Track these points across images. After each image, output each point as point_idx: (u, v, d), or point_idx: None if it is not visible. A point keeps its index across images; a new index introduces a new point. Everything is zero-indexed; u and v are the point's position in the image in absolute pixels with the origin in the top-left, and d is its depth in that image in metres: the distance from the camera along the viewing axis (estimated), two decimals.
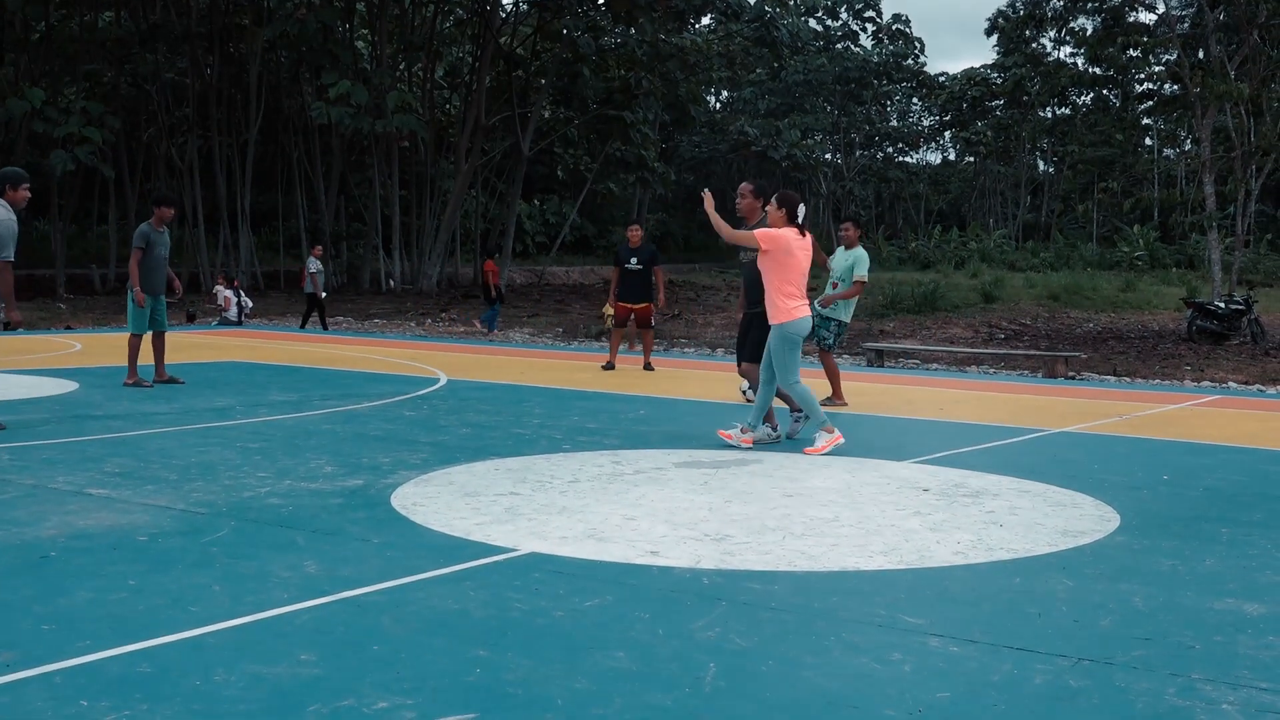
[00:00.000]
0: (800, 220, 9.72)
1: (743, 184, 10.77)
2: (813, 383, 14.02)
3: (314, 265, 25.23)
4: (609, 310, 25.27)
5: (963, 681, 4.46)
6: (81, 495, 7.49)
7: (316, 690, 4.27)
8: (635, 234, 16.39)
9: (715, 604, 5.36)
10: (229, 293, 26.90)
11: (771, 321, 9.64)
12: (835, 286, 12.80)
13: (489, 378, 15.00)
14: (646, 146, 47.23)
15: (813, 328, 12.77)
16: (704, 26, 54.38)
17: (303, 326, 25.09)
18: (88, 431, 9.99)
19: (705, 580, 5.77)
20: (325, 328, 24.95)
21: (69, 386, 12.85)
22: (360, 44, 44.88)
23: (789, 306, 9.55)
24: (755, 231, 9.76)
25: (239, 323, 26.21)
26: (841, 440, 9.67)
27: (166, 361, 13.70)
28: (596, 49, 43.27)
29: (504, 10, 45.06)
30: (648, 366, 16.40)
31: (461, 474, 8.42)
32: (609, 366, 16.07)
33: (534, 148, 45.04)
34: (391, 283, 41.50)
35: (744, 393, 12.81)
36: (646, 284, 16.09)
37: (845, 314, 12.94)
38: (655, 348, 19.41)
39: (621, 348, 18.37)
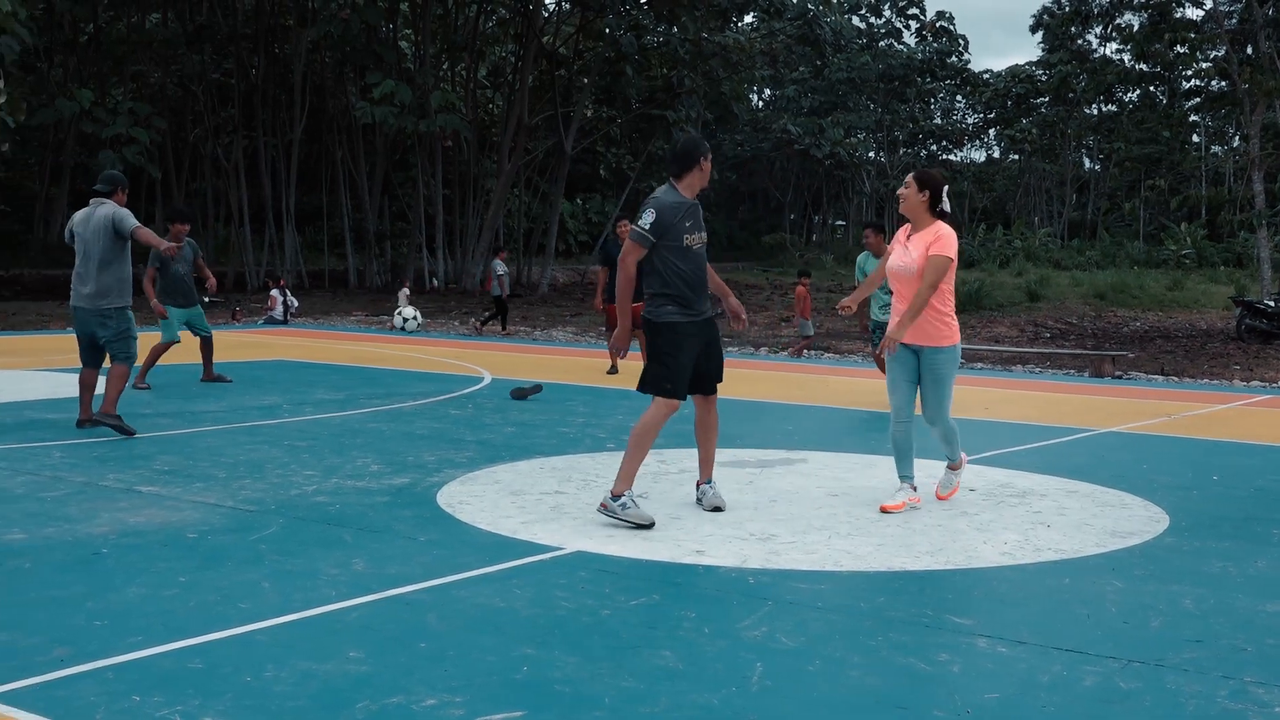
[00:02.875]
0: (944, 208, 7.34)
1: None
2: (870, 383, 13.91)
3: (500, 268, 25.43)
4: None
5: (1012, 682, 4.44)
6: (132, 493, 7.57)
7: (365, 687, 4.30)
8: (625, 229, 14.69)
9: (762, 603, 5.36)
10: (275, 291, 27.10)
11: (941, 343, 7.26)
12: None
13: (533, 376, 15.02)
14: None
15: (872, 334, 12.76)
16: (747, 24, 54.29)
17: (482, 328, 25.02)
18: (137, 429, 10.08)
19: (751, 580, 5.76)
20: (505, 330, 25.02)
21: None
22: (404, 44, 45.02)
23: (951, 322, 7.36)
24: (942, 239, 7.15)
25: (285, 321, 26.38)
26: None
27: (215, 360, 13.90)
28: (639, 48, 43.21)
29: (546, 9, 45.12)
30: (613, 370, 15.39)
31: (506, 472, 8.45)
32: (613, 370, 15.47)
33: (577, 147, 45.07)
34: (435, 281, 41.63)
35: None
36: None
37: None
38: None
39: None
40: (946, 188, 7.30)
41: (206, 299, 13.39)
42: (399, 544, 6.39)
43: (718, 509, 7.19)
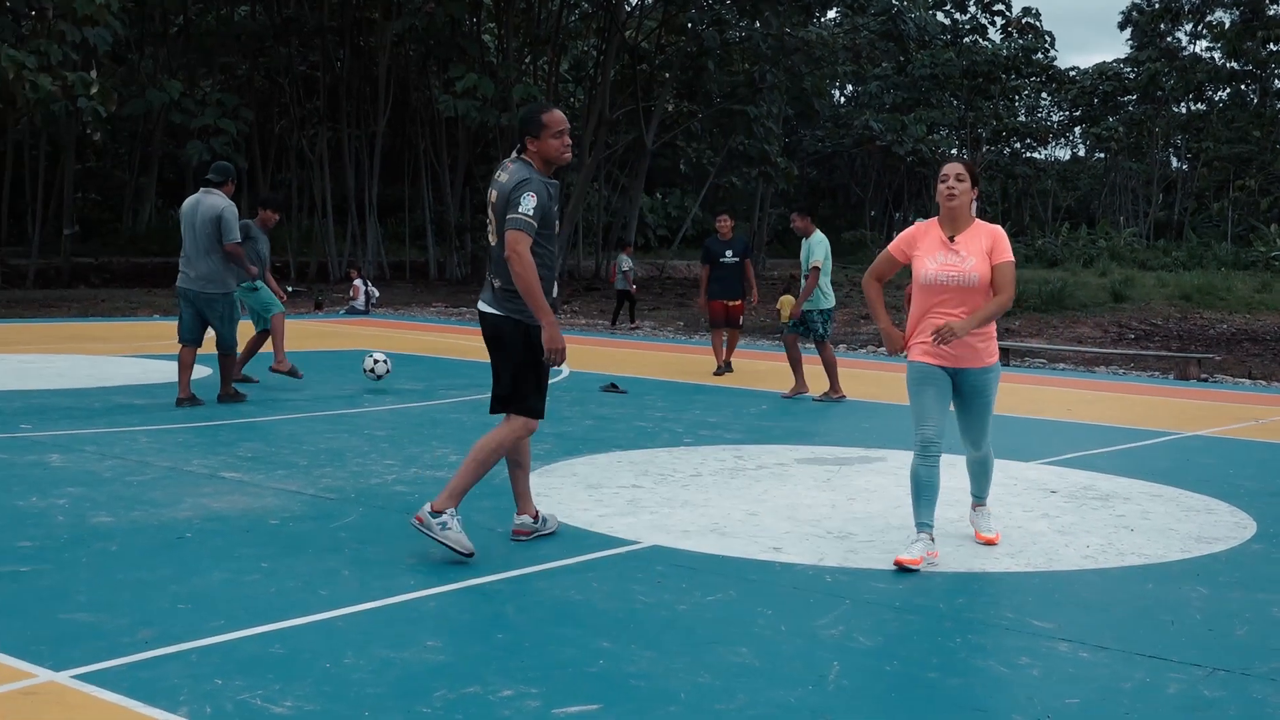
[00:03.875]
0: None
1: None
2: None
3: (626, 263, 25.68)
4: (785, 307, 25.11)
5: (1093, 688, 4.38)
6: (215, 478, 7.68)
7: (443, 676, 4.33)
8: (725, 225, 14.87)
9: (839, 602, 5.33)
10: (357, 282, 27.38)
11: (988, 361, 6.21)
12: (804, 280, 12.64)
13: (612, 370, 15.04)
14: (770, 141, 47.00)
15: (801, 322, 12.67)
16: (829, 20, 53.99)
17: (614, 324, 25.18)
18: (220, 416, 10.23)
19: (828, 578, 5.73)
20: (634, 321, 25.21)
21: (203, 372, 13.14)
22: (487, 37, 45.25)
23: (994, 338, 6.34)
24: (1001, 241, 6.16)
25: (366, 312, 26.63)
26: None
27: (292, 348, 13.99)
28: (721, 43, 43.12)
29: (629, 4, 45.17)
30: (727, 367, 15.20)
31: (584, 465, 8.47)
32: (722, 370, 15.15)
33: (657, 141, 45.08)
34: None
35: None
36: (741, 278, 14.85)
37: (823, 302, 12.60)
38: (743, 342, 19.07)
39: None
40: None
41: (290, 289, 13.48)
42: (478, 534, 6.41)
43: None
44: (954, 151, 78.73)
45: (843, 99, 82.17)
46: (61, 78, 26.45)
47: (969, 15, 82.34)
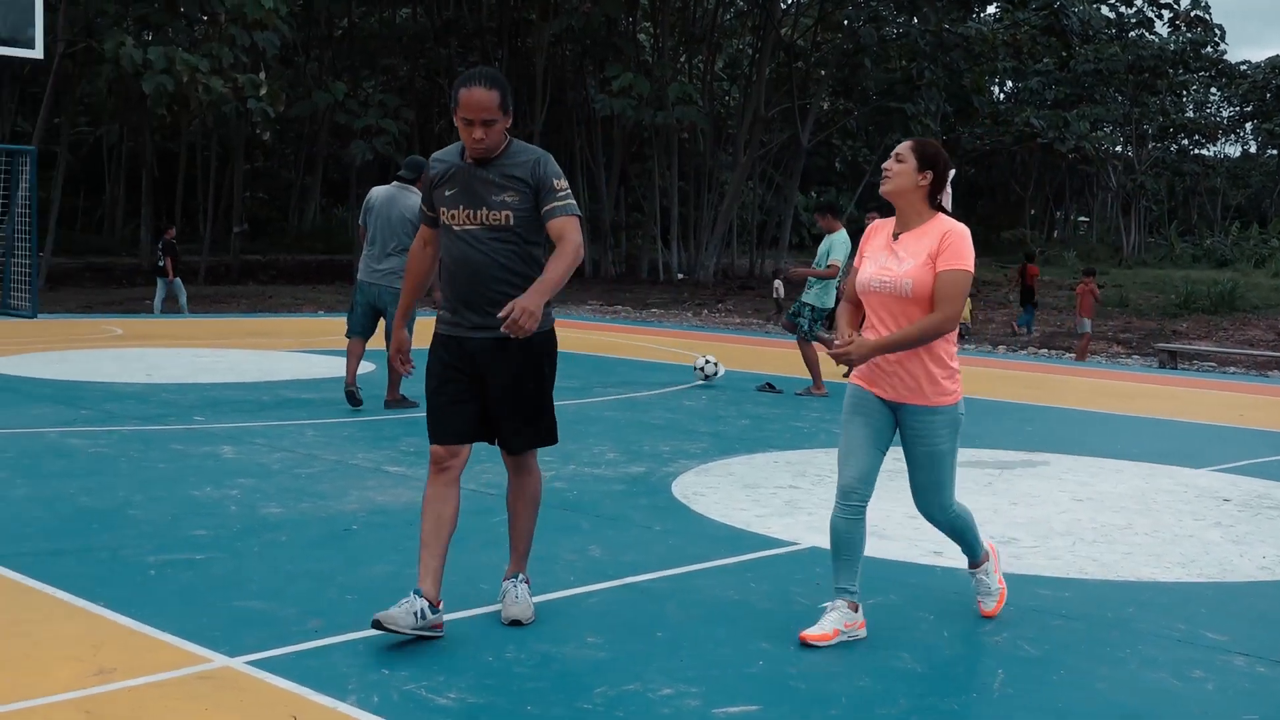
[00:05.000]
0: (944, 201, 4.93)
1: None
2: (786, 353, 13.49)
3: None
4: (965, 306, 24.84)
5: (1273, 705, 4.23)
6: (379, 472, 7.84)
7: (603, 673, 4.36)
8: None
9: (1003, 609, 5.22)
10: None
11: (935, 399, 4.78)
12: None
13: (766, 370, 14.98)
14: (927, 138, 46.44)
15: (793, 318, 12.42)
16: (989, 15, 53.04)
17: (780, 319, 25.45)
18: (383, 411, 10.43)
19: None
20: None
21: (368, 367, 13.46)
22: (643, 36, 45.49)
23: (955, 371, 4.90)
24: (954, 243, 4.73)
25: None
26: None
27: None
28: (878, 39, 42.72)
29: (785, 2, 44.99)
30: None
31: (741, 465, 8.45)
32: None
33: (813, 139, 44.83)
34: (680, 275, 41.89)
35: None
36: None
37: (817, 298, 12.31)
38: None
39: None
40: (953, 172, 4.86)
41: None
42: (635, 532, 6.46)
43: (516, 622, 4.84)
44: (1118, 149, 76.89)
45: (1002, 95, 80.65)
46: (232, 80, 27.31)
47: (1135, 9, 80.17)
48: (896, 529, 6.62)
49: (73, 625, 4.70)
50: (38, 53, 19.75)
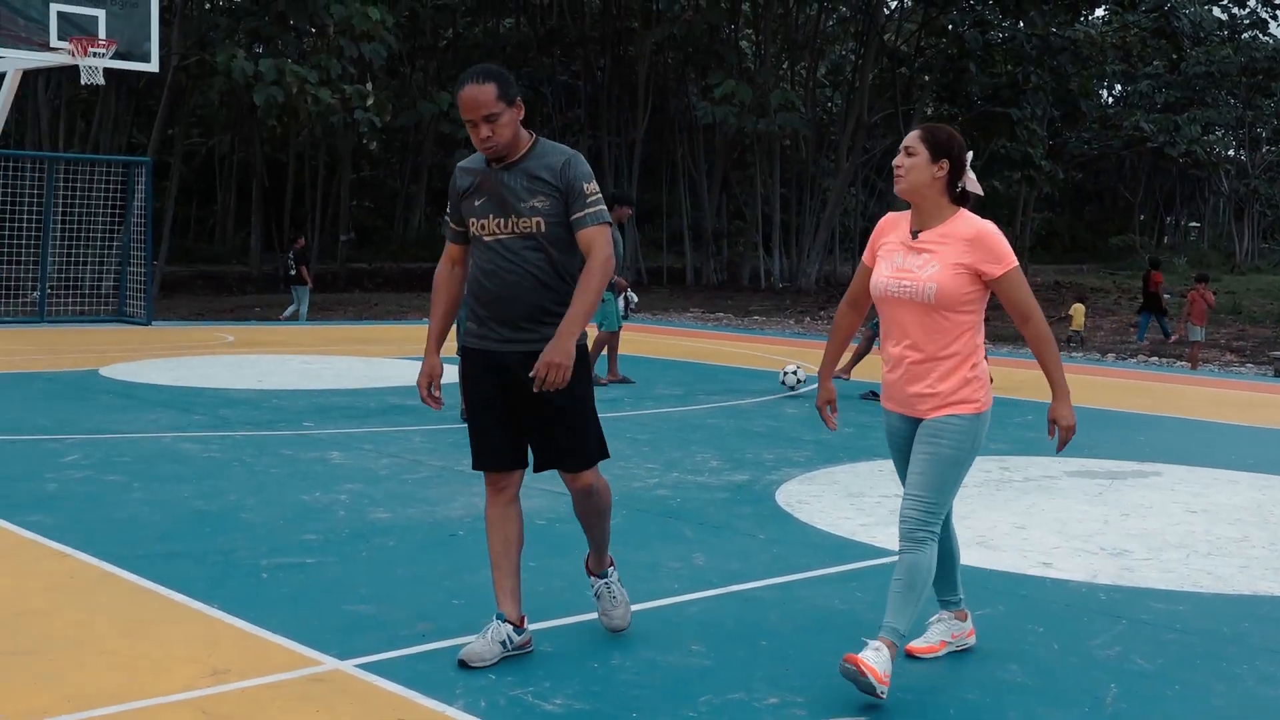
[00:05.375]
0: (968, 186, 4.43)
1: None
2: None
3: None
4: (1079, 315, 24.58)
5: None
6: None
7: (707, 681, 4.35)
8: None
9: (1115, 622, 5.13)
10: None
11: (956, 407, 4.34)
12: None
13: (872, 377, 14.86)
14: (1033, 144, 45.73)
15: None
16: (1097, 18, 52.22)
17: None
18: None
19: (1103, 596, 5.54)
20: None
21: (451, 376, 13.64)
22: (745, 43, 45.43)
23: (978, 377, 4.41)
24: (986, 241, 4.30)
25: (625, 317, 27.01)
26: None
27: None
28: (983, 43, 42.24)
29: (888, 7, 44.67)
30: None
31: (845, 474, 8.40)
32: None
33: None
34: (782, 283, 41.76)
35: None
36: None
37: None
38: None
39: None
40: (970, 155, 4.40)
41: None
42: (739, 540, 6.45)
43: (618, 630, 4.82)
44: (1230, 153, 75.26)
45: (1111, 99, 79.34)
46: (340, 91, 27.74)
47: (1248, 9, 78.43)
48: (1004, 539, 6.53)
49: (188, 626, 4.80)
50: (154, 66, 20.22)
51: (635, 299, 28.86)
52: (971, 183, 4.36)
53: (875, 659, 4.11)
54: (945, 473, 4.29)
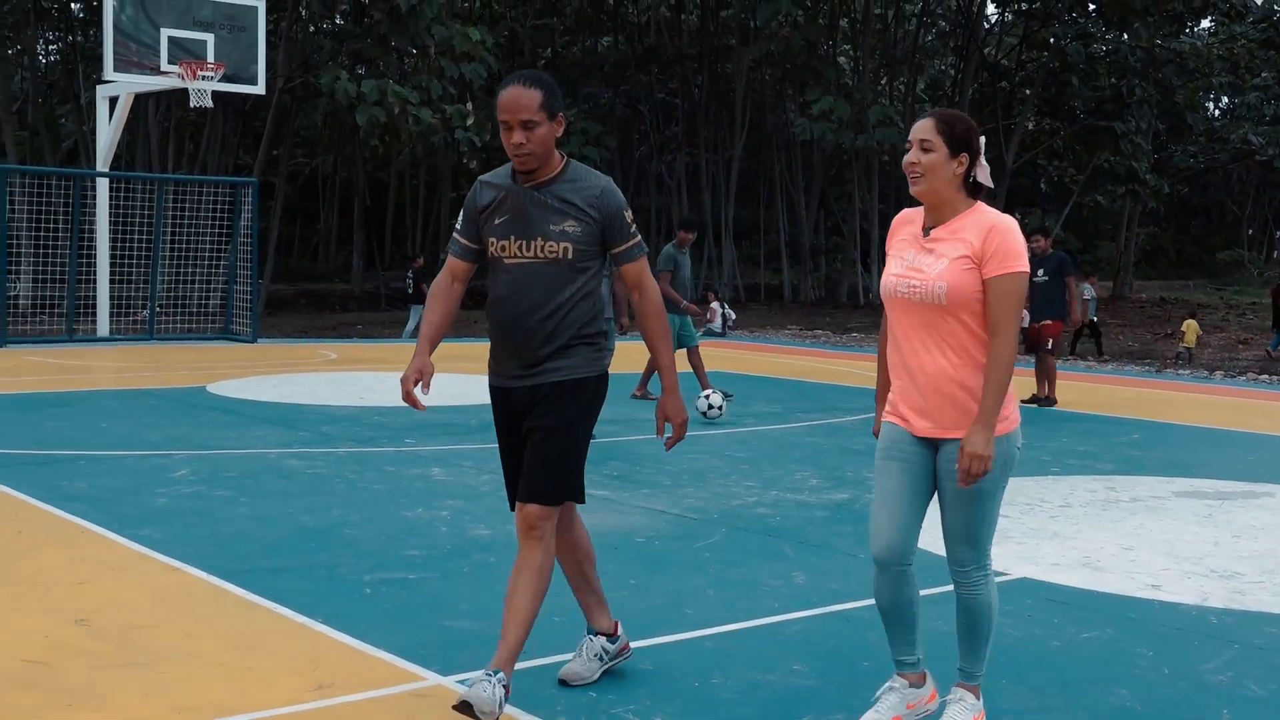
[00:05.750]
0: (980, 178, 4.00)
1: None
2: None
3: (1088, 292, 25.38)
4: (1191, 332, 24.21)
5: None
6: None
7: (809, 701, 4.33)
8: (1040, 243, 13.73)
9: (1227, 646, 5.02)
10: (714, 305, 27.83)
11: (986, 431, 3.79)
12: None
13: None
14: (1138, 157, 45.03)
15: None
16: (1203, 29, 51.30)
17: (1072, 352, 24.82)
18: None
19: (1213, 619, 5.42)
20: (1100, 354, 24.65)
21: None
22: (843, 60, 45.29)
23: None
24: (1005, 238, 3.89)
25: (723, 334, 27.00)
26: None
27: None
28: (1086, 56, 41.70)
29: (989, 21, 44.27)
30: (1048, 400, 13.75)
31: None
32: (1039, 400, 13.75)
33: (1017, 160, 43.94)
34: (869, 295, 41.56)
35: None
36: (1052, 298, 13.68)
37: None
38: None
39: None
40: (983, 139, 3.98)
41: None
42: (839, 559, 6.40)
43: (566, 675, 4.48)
44: None
45: (1218, 112, 77.82)
46: (440, 111, 28.08)
47: None
48: (1111, 562, 6.41)
49: (294, 641, 4.87)
50: (260, 89, 20.68)
51: (733, 315, 28.83)
52: (983, 173, 3.94)
53: (957, 713, 4.00)
54: (982, 506, 3.92)
